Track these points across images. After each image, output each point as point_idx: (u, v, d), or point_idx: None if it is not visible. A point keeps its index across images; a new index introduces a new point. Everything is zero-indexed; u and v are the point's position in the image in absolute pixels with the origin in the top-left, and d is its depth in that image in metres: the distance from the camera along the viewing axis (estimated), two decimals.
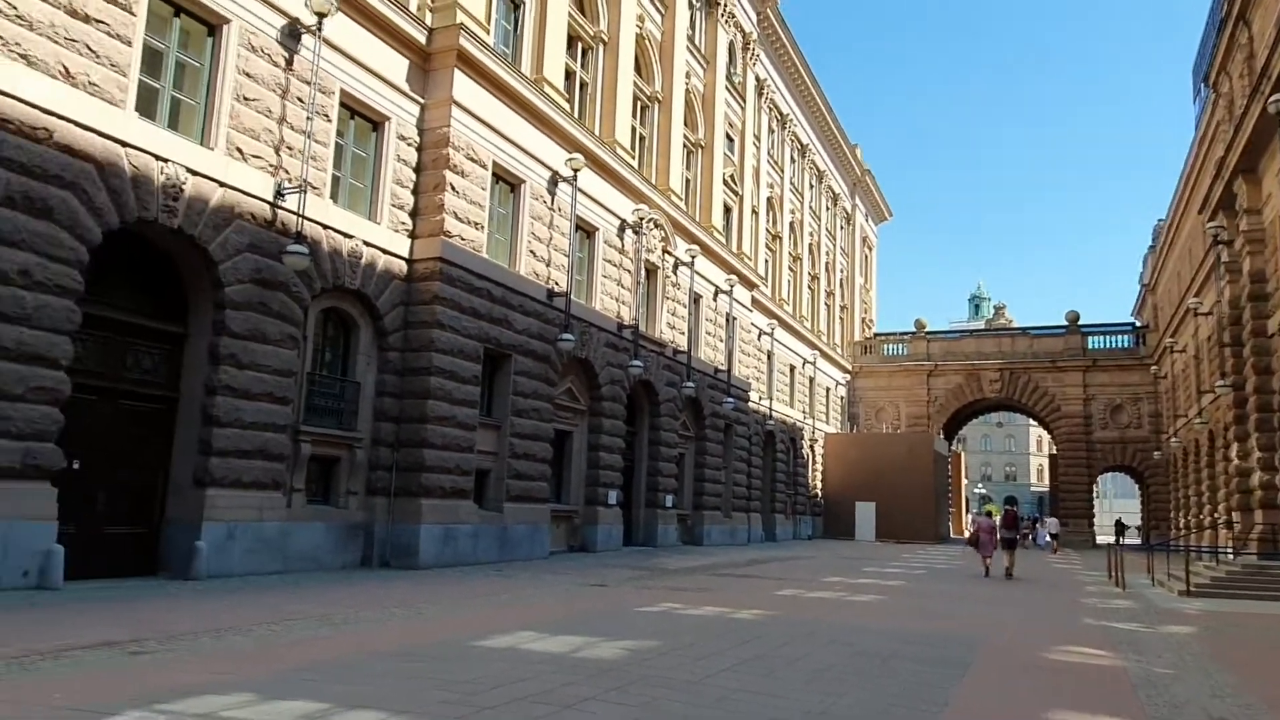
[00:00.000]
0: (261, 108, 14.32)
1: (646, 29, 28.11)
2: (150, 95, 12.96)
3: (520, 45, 21.69)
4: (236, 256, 13.75)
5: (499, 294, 19.10)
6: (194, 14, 13.58)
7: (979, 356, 52.32)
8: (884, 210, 64.99)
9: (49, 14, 11.27)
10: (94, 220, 11.69)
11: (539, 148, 20.91)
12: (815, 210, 49.86)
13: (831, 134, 51.58)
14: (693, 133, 31.59)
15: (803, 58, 44.64)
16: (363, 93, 16.56)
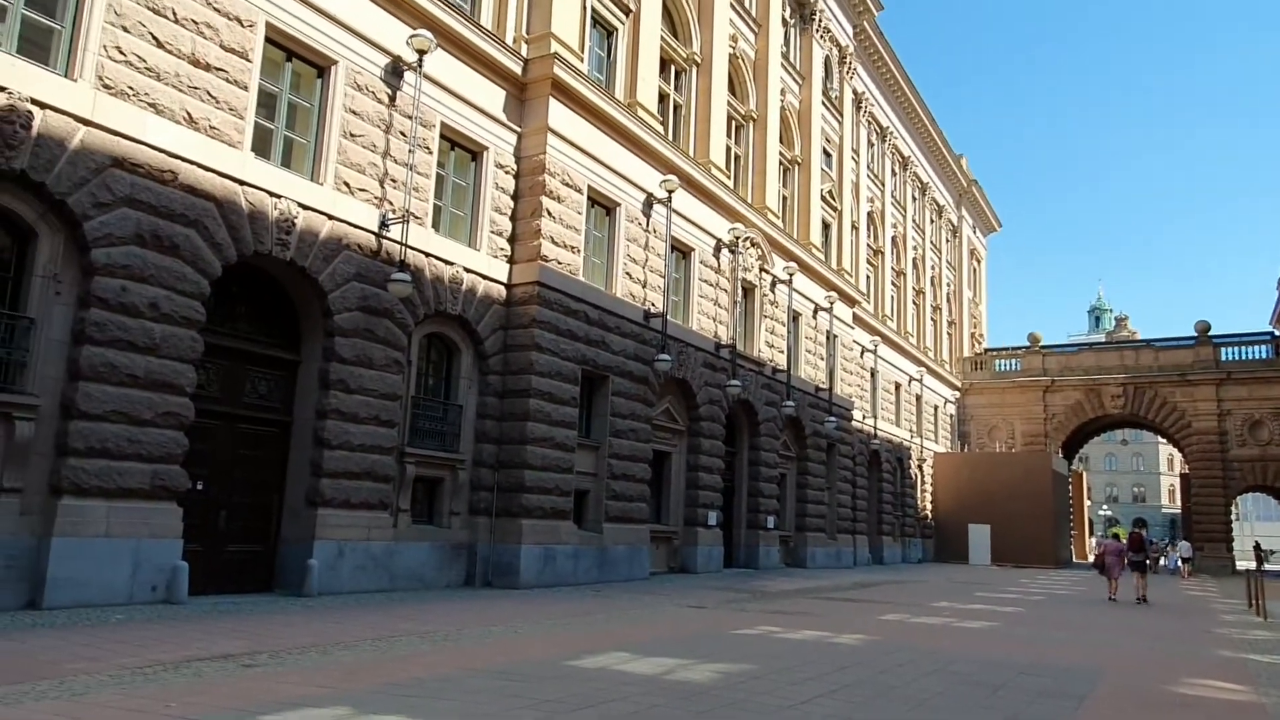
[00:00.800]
0: (367, 143, 14.98)
1: (740, 48, 28.14)
2: (265, 135, 13.73)
3: (614, 71, 22.03)
4: (345, 285, 14.37)
5: (596, 316, 19.32)
6: (305, 58, 14.34)
7: (1099, 371, 49.79)
8: (993, 221, 62.91)
9: (174, 64, 12.10)
10: (214, 255, 12.43)
11: (633, 170, 21.14)
12: (919, 223, 48.68)
13: (935, 145, 50.36)
14: (789, 150, 31.36)
15: (902, 70, 43.82)
16: (462, 124, 17.11)
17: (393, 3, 15.46)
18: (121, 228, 11.35)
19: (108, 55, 11.39)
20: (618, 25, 22.09)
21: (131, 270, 11.41)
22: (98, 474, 11.00)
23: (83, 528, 10.83)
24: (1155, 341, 51.17)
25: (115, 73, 11.45)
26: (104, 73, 11.34)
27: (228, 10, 12.81)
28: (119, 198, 11.35)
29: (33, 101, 10.57)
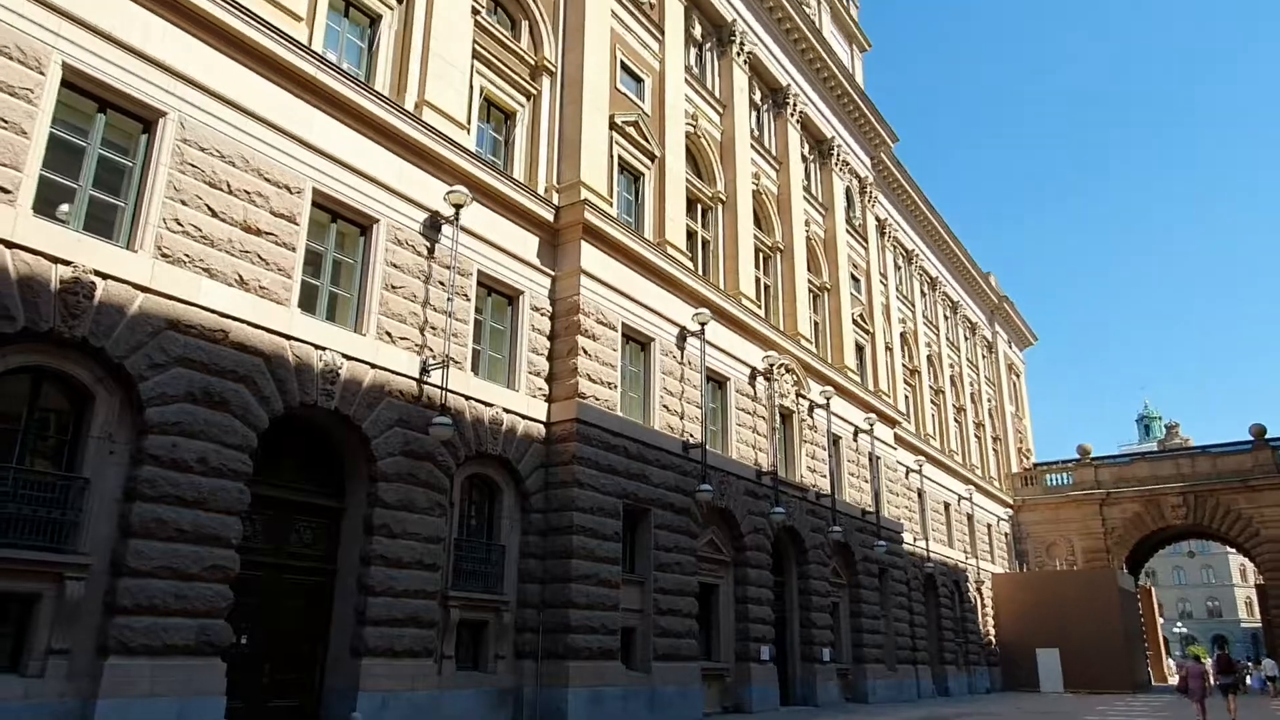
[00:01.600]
0: (407, 293, 15.59)
1: (763, 185, 29.17)
2: (311, 291, 14.37)
3: (642, 212, 22.90)
4: (387, 431, 14.65)
5: (635, 450, 19.37)
6: (348, 218, 15.15)
7: (1155, 481, 48.26)
8: (1028, 335, 62.74)
9: (228, 231, 12.86)
10: (262, 408, 12.81)
11: (666, 306, 21.63)
12: (953, 341, 48.71)
13: (961, 264, 50.98)
14: (817, 277, 31.94)
15: (922, 195, 44.93)
16: (498, 271, 17.78)
17: (430, 163, 16.41)
18: (174, 386, 11.80)
19: (166, 227, 12.16)
20: (644, 170, 23.12)
21: (182, 426, 11.79)
22: (144, 631, 11.03)
23: (127, 688, 10.76)
24: (1211, 448, 49.70)
25: (172, 242, 12.19)
26: (162, 243, 12.08)
27: (278, 179, 13.68)
28: (173, 358, 11.86)
29: (96, 273, 11.24)
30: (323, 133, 14.57)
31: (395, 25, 17.16)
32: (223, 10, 13.07)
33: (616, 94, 22.36)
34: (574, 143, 20.16)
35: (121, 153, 12.24)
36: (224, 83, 13.16)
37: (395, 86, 16.77)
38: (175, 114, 12.48)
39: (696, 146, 26.13)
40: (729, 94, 27.95)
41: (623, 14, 23.30)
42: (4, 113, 10.72)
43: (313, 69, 14.29)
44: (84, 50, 11.61)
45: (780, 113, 31.61)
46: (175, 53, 12.60)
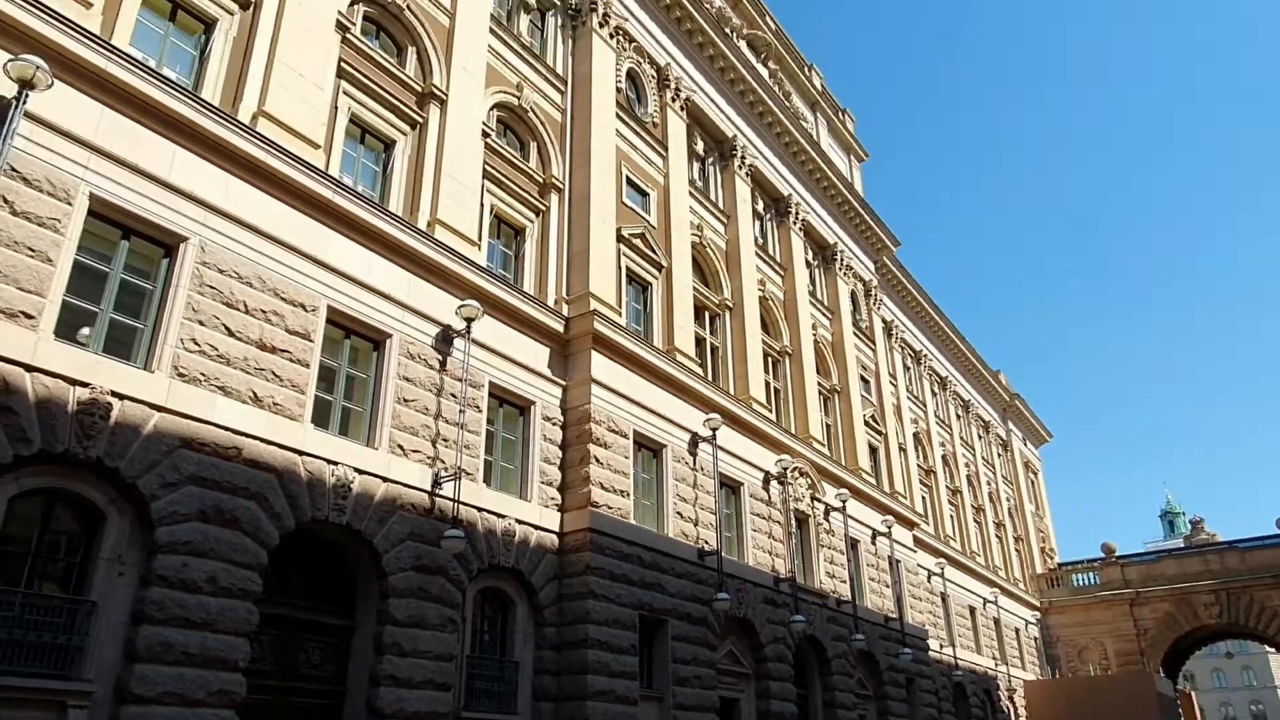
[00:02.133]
0: (419, 406, 15.69)
1: (769, 290, 29.62)
2: (324, 407, 14.48)
3: (651, 321, 23.21)
4: (399, 545, 14.49)
5: (649, 559, 19.05)
6: (362, 334, 15.41)
7: (1185, 579, 46.93)
8: (1042, 432, 62.28)
9: (243, 350, 13.07)
10: (273, 525, 12.74)
11: (677, 412, 21.66)
12: (967, 440, 48.37)
13: (970, 363, 51.12)
14: (826, 379, 32.03)
15: (926, 296, 45.47)
16: (509, 382, 17.92)
17: (442, 278, 16.78)
18: (186, 505, 11.78)
19: (183, 347, 12.39)
20: (651, 280, 23.55)
21: (193, 546, 11.70)
22: None
23: None
24: (1239, 543, 48.50)
25: (189, 362, 12.39)
26: (179, 362, 12.28)
27: (294, 298, 14.00)
28: (185, 476, 11.87)
29: (113, 393, 11.40)
30: (338, 252, 14.98)
31: (409, 149, 17.86)
32: (246, 141, 13.66)
33: (623, 208, 23.01)
34: (582, 255, 20.64)
35: (143, 276, 12.58)
36: (244, 207, 13.63)
37: (409, 206, 17.32)
38: (196, 238, 12.89)
39: (702, 256, 26.67)
40: (732, 204, 28.71)
41: (627, 132, 24.19)
42: (32, 241, 11.10)
43: (329, 193, 14.81)
44: (111, 181, 12.10)
45: (783, 221, 32.37)
46: (198, 180, 13.10)
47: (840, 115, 41.26)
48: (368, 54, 17.32)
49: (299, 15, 15.64)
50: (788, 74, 36.92)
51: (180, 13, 14.53)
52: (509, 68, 21.23)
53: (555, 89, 22.69)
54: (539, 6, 23.41)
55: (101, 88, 12.20)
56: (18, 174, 11.14)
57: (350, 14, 17.29)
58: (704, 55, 28.82)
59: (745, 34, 33.76)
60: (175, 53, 14.38)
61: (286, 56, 15.19)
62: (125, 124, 12.41)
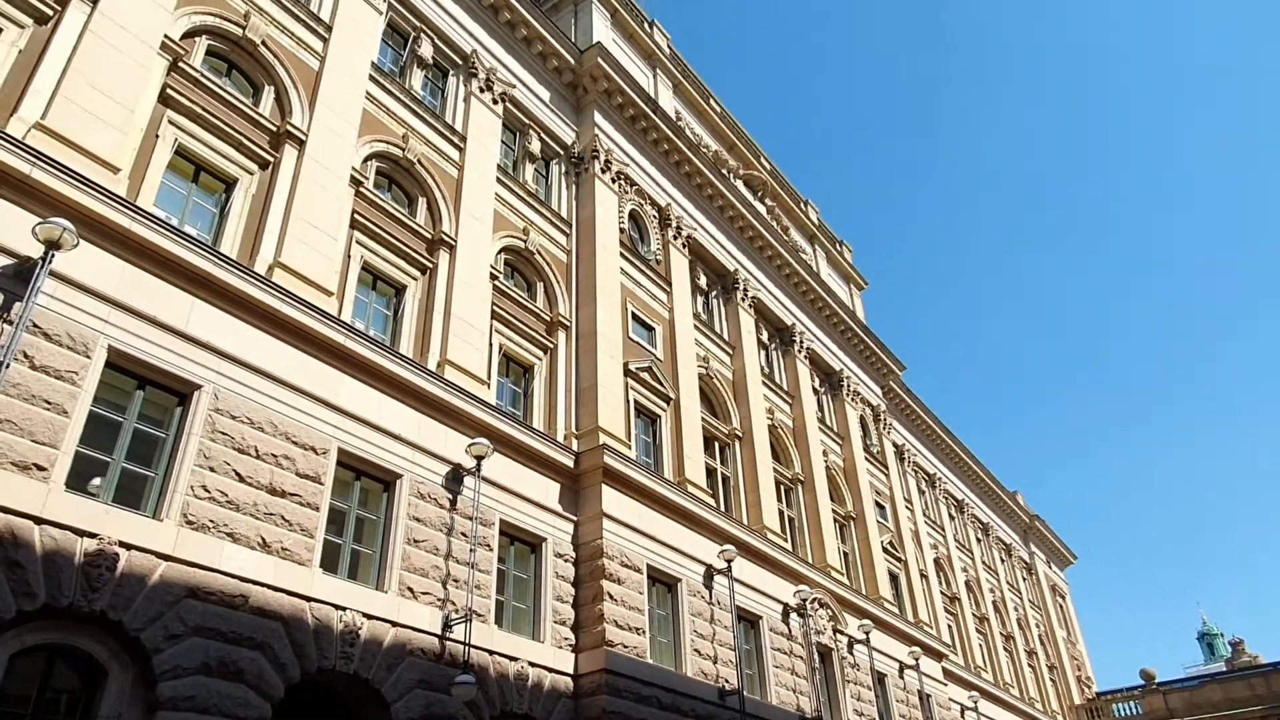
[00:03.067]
0: (429, 547, 15.49)
1: (778, 419, 29.66)
2: (333, 550, 14.31)
3: (661, 453, 23.16)
4: (408, 694, 13.99)
5: (668, 700, 18.30)
6: (372, 475, 15.41)
7: (1231, 705, 44.56)
8: (1066, 554, 60.79)
9: (253, 495, 13.06)
10: (279, 675, 12.36)
11: (690, 545, 21.30)
12: (989, 564, 47.19)
13: (986, 485, 50.49)
14: (841, 506, 31.60)
15: (936, 419, 45.42)
16: (520, 519, 17.74)
17: (452, 417, 16.91)
18: (189, 659, 11.48)
19: (193, 494, 12.39)
20: (660, 413, 23.66)
21: (195, 702, 11.33)
22: None
23: None
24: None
25: (198, 509, 12.36)
26: (188, 510, 12.25)
27: (305, 441, 14.08)
28: (190, 628, 11.63)
29: (120, 544, 11.32)
30: (349, 395, 15.17)
31: (419, 293, 18.37)
32: (261, 290, 14.10)
33: (629, 342, 23.37)
34: (591, 390, 20.83)
35: (156, 425, 12.72)
36: (257, 354, 13.92)
37: (419, 347, 17.65)
38: (210, 386, 13.11)
39: (710, 386, 26.87)
40: (737, 336, 29.15)
41: (631, 270, 24.86)
42: (49, 395, 11.30)
43: (341, 337, 15.14)
44: (129, 333, 12.43)
45: (788, 350, 32.76)
46: (213, 329, 13.44)
47: (838, 246, 42.40)
48: (380, 205, 18.08)
49: (315, 172, 16.43)
50: (784, 209, 38.21)
51: (203, 174, 15.31)
52: (515, 213, 22.07)
53: (560, 231, 23.50)
54: (543, 155, 24.54)
55: (124, 245, 12.71)
56: (39, 329, 11.47)
57: (364, 169, 18.16)
58: (703, 195, 29.94)
59: (742, 174, 35.17)
60: (197, 210, 15.06)
61: (303, 210, 15.87)
62: (146, 279, 12.86)
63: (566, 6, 28.82)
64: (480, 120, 21.81)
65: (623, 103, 26.49)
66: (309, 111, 17.10)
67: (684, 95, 32.79)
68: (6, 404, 10.89)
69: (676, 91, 32.29)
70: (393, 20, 21.01)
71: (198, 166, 15.24)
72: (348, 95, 18.01)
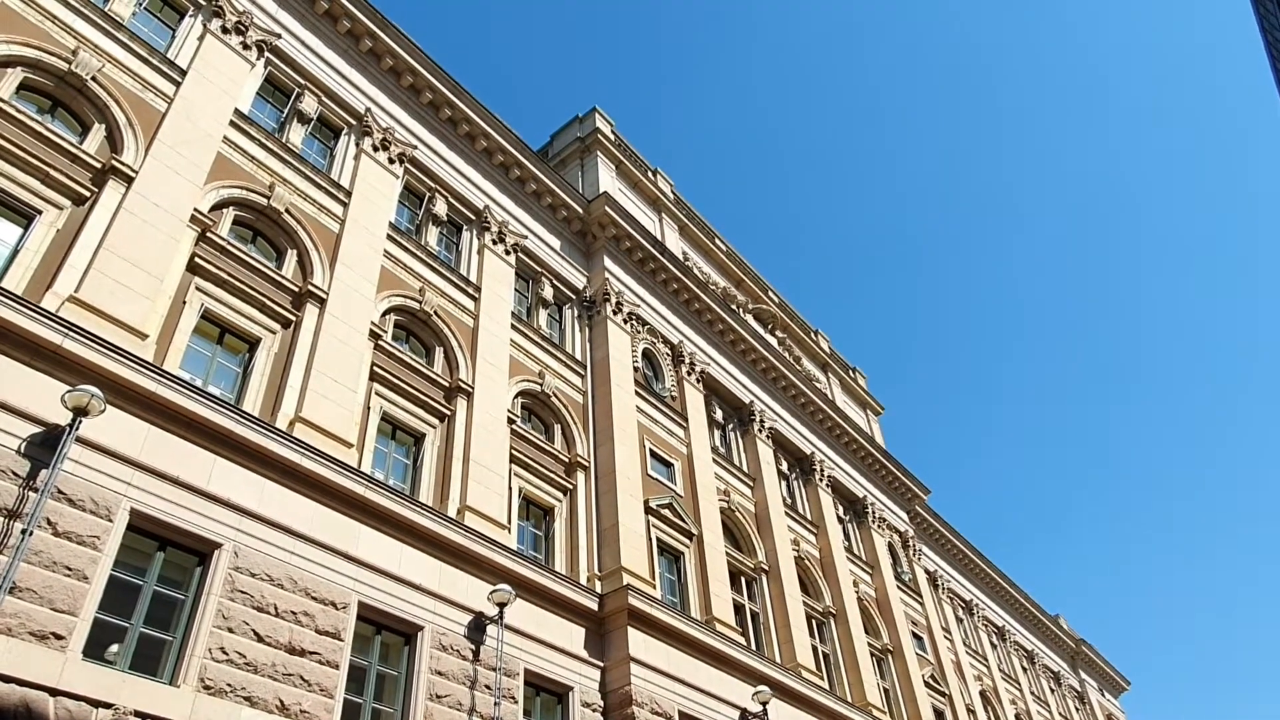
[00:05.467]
0: (452, 702, 14.97)
1: (804, 549, 29.06)
2: (352, 710, 13.84)
3: (686, 591, 22.63)
4: None
5: None
6: (393, 628, 15.08)
7: None
8: (1119, 680, 57.84)
9: (271, 655, 12.78)
10: None
11: (722, 687, 20.47)
12: (1039, 695, 44.92)
13: (1026, 610, 48.72)
14: (876, 639, 30.47)
15: (967, 542, 44.41)
16: (545, 667, 17.19)
17: (473, 564, 16.68)
18: None
19: (211, 657, 12.14)
20: (683, 549, 23.26)
21: None
22: None
23: None
24: None
25: (216, 672, 12.08)
26: (206, 674, 11.97)
27: (324, 596, 13.89)
28: None
29: (136, 714, 11.02)
30: (369, 546, 15.06)
31: (438, 440, 18.51)
32: (282, 446, 14.27)
33: (649, 480, 23.26)
34: (612, 530, 20.59)
35: (175, 586, 12.62)
36: (277, 509, 13.94)
37: (438, 495, 17.63)
38: (230, 544, 13.07)
39: (732, 520, 26.51)
40: (756, 467, 28.97)
41: (647, 408, 25.03)
42: (70, 561, 11.29)
43: (360, 488, 15.18)
44: (151, 495, 12.52)
45: (809, 479, 32.45)
46: (234, 487, 13.53)
47: (851, 373, 42.65)
48: (398, 357, 18.50)
49: (335, 328, 16.92)
50: (795, 340, 38.71)
51: (228, 335, 15.80)
52: (530, 357, 22.48)
53: (575, 373, 23.84)
54: (556, 300, 25.21)
55: (149, 407, 12.99)
56: (63, 495, 11.58)
57: (382, 322, 18.70)
58: (714, 330, 30.47)
59: (751, 308, 35.87)
60: (221, 370, 15.46)
61: (323, 365, 16.25)
62: (169, 439, 13.07)
63: (573, 161, 30.26)
64: (494, 270, 22.56)
65: (631, 246, 27.39)
66: (329, 271, 17.77)
67: (689, 236, 33.89)
68: (28, 572, 10.87)
69: (682, 233, 33.40)
70: (409, 183, 22.10)
71: (222, 329, 15.75)
72: (366, 254, 18.75)
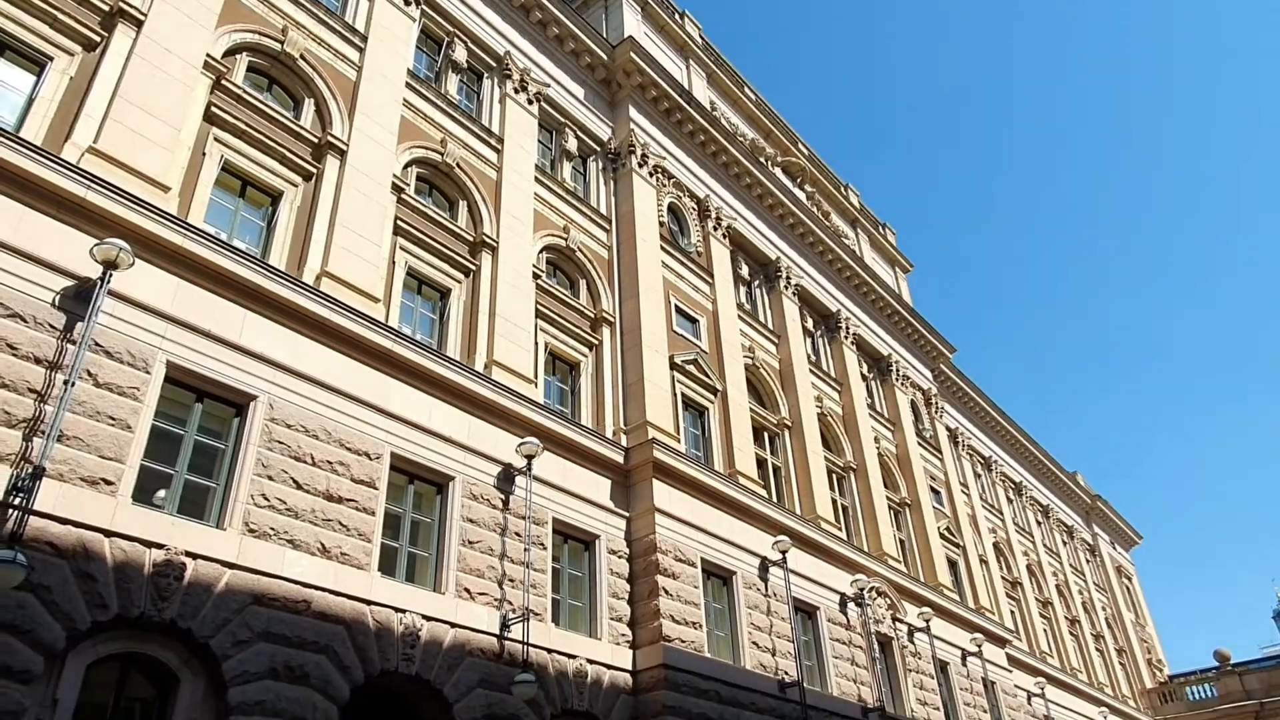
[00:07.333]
0: (484, 547, 15.62)
1: (827, 406, 29.37)
2: (390, 554, 14.50)
3: (710, 446, 23.07)
4: (469, 694, 14.13)
5: (727, 694, 18.24)
6: (425, 478, 15.58)
7: None
8: (1131, 534, 59.34)
9: (311, 502, 13.28)
10: (343, 679, 12.56)
11: (744, 537, 21.20)
12: (1051, 548, 46.25)
13: (1045, 466, 49.49)
14: (895, 493, 31.20)
15: (990, 400, 44.60)
16: (572, 517, 17.81)
17: (501, 418, 17.03)
18: (257, 663, 11.72)
19: (254, 503, 12.64)
20: (708, 405, 23.57)
21: (265, 705, 11.56)
22: None
23: None
24: None
25: (259, 517, 12.60)
26: (250, 519, 12.50)
27: (358, 447, 14.29)
28: (256, 633, 11.87)
29: (186, 553, 11.59)
30: (399, 399, 15.36)
31: (463, 295, 18.52)
32: (311, 300, 14.34)
33: (674, 336, 23.31)
34: (637, 385, 20.82)
35: (215, 437, 13.01)
36: (309, 363, 14.16)
37: (466, 350, 17.80)
38: (265, 396, 13.36)
39: (757, 377, 26.70)
40: (781, 324, 28.92)
41: (672, 263, 24.79)
42: (112, 411, 11.61)
43: (390, 343, 15.33)
44: (186, 348, 12.72)
45: (834, 336, 32.42)
46: (266, 341, 13.70)
47: (881, 229, 41.83)
48: (422, 210, 18.26)
49: (357, 181, 16.65)
50: (824, 195, 37.79)
51: (249, 188, 15.60)
52: (555, 212, 22.14)
53: (600, 228, 23.52)
54: (580, 153, 24.57)
55: (177, 261, 13.01)
56: (101, 348, 11.78)
57: (404, 175, 18.35)
58: (741, 184, 29.73)
59: (779, 161, 34.85)
60: (245, 224, 15.36)
61: (347, 219, 16.09)
62: (199, 293, 13.14)
63: (597, 3, 28.80)
64: (516, 121, 21.91)
65: (657, 96, 26.41)
66: (349, 121, 17.32)
67: (718, 85, 32.58)
68: (73, 421, 11.20)
69: (710, 81, 32.11)
70: (426, 27, 21.19)
71: (244, 181, 15.54)
72: (385, 103, 18.21)
